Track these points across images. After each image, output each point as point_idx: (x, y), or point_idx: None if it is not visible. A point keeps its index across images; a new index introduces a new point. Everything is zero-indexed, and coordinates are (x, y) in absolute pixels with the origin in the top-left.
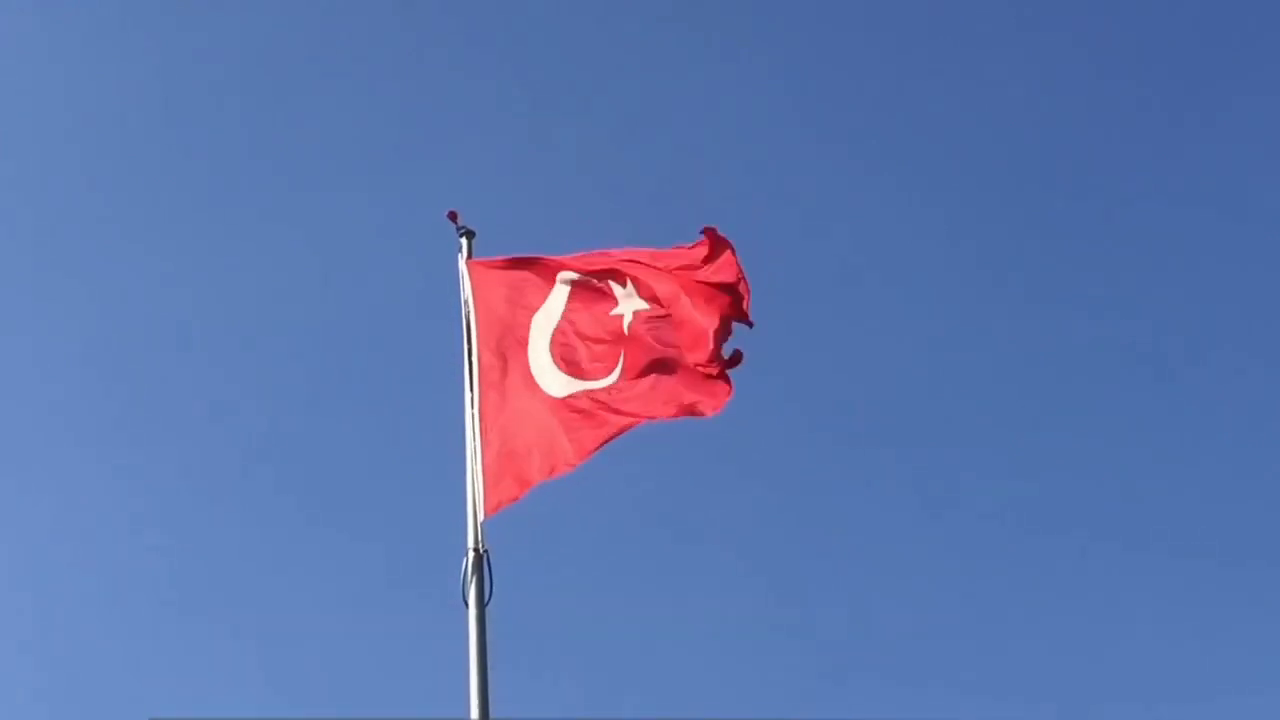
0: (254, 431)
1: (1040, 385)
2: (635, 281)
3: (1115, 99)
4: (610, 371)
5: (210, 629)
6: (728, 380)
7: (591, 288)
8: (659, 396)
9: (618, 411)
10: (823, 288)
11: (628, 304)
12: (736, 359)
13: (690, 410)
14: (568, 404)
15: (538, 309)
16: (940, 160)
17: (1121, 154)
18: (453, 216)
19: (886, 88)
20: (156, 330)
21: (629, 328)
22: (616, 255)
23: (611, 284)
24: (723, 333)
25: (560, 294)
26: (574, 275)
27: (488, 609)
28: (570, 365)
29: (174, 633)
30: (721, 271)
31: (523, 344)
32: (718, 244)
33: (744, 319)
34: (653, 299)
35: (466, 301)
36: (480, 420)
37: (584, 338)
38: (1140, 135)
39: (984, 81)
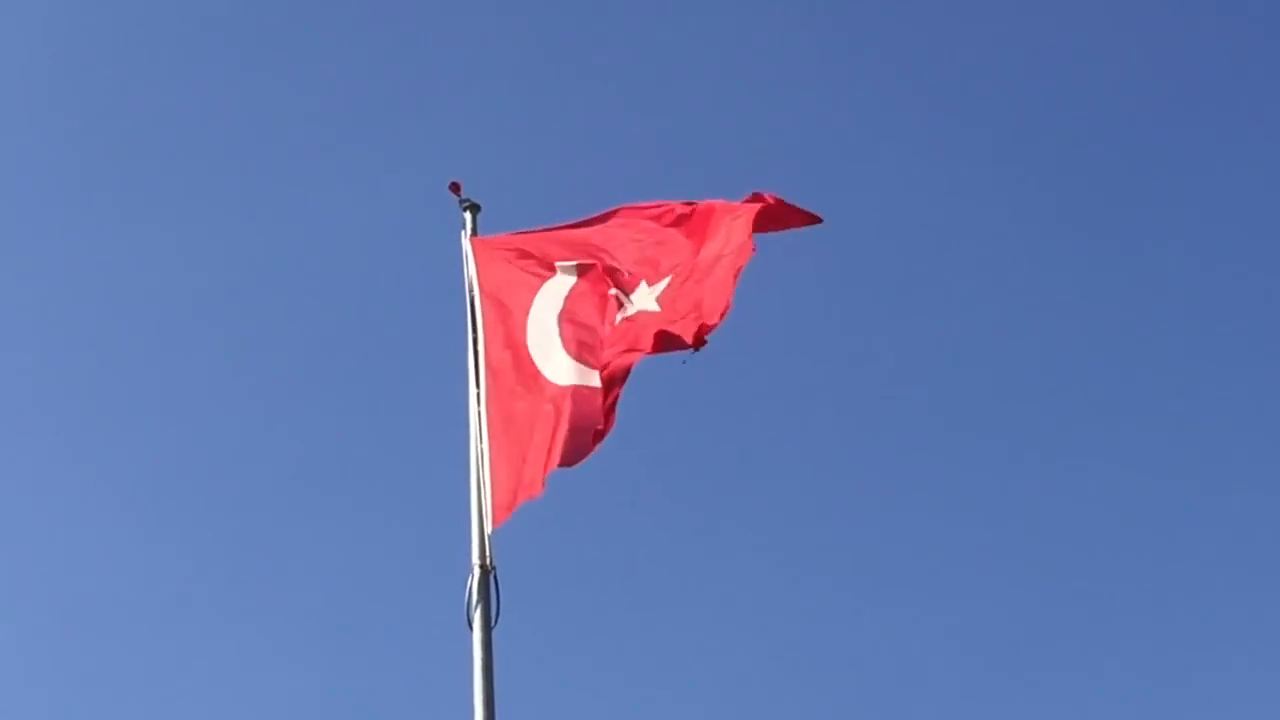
0: (239, 432)
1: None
2: (653, 268)
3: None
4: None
5: (196, 646)
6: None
7: (609, 276)
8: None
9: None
10: (838, 261)
11: (644, 303)
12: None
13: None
14: (575, 393)
15: (544, 287)
16: (981, 115)
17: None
18: (455, 188)
19: (921, 41)
20: (134, 324)
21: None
22: (637, 220)
23: (642, 283)
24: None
25: (570, 273)
26: (588, 262)
27: (494, 631)
28: (581, 350)
29: (163, 644)
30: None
31: (535, 327)
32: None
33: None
34: (671, 271)
35: (471, 284)
36: (487, 418)
37: (594, 323)
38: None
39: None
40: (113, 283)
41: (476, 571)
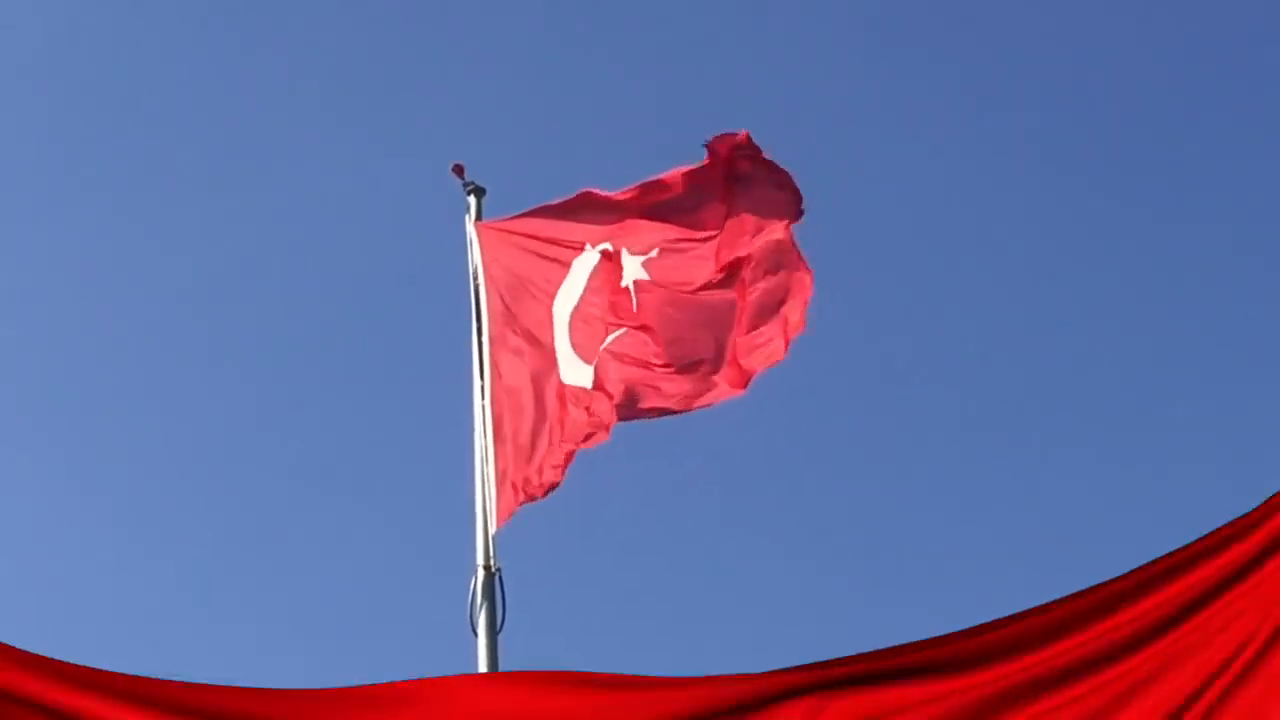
0: (236, 430)
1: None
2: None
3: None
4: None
5: (196, 648)
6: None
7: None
8: (678, 387)
9: (625, 403)
10: (851, 258)
11: (636, 271)
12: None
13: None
14: (579, 391)
15: (562, 278)
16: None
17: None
18: (458, 171)
19: (937, 31)
20: (129, 316)
21: (635, 300)
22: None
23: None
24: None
25: (588, 260)
26: (606, 246)
27: (500, 635)
28: (584, 348)
29: (163, 646)
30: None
31: (544, 319)
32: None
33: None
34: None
35: (476, 272)
36: (492, 413)
37: (598, 312)
38: None
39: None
40: (106, 273)
41: (480, 573)
